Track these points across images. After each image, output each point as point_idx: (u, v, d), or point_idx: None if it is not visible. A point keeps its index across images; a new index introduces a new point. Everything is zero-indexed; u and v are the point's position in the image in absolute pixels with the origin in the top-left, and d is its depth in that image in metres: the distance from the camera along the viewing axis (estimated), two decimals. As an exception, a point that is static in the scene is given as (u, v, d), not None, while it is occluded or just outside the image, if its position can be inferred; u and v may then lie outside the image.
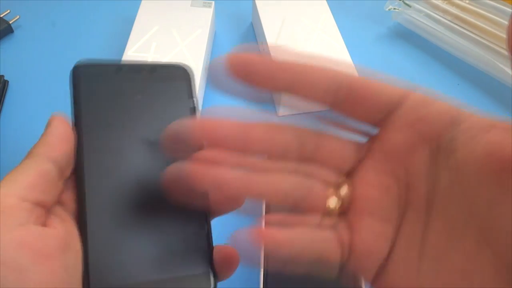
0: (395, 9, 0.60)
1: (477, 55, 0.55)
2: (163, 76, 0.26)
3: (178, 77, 0.26)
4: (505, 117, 0.50)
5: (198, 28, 0.52)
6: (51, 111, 0.47)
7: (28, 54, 0.54)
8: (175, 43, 0.50)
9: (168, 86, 0.26)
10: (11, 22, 0.56)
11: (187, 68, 0.27)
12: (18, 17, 0.57)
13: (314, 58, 0.20)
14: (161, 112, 0.25)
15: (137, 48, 0.49)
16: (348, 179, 0.22)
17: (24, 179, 0.21)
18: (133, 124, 0.25)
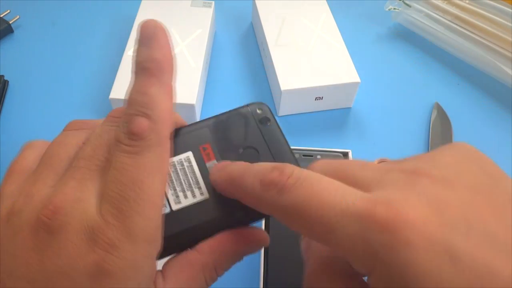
0: (395, 9, 0.60)
1: (477, 55, 0.55)
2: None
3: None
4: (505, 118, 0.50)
5: (198, 28, 0.52)
6: (51, 111, 0.47)
7: (28, 54, 0.54)
8: (175, 43, 0.50)
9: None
10: (11, 22, 0.56)
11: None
12: (18, 17, 0.57)
13: None
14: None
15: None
16: None
17: None
18: None
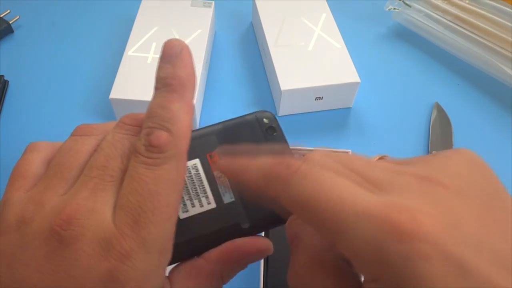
0: (395, 9, 0.60)
1: (477, 55, 0.55)
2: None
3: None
4: (504, 118, 0.50)
5: (198, 28, 0.52)
6: (51, 111, 0.47)
7: (28, 54, 0.54)
8: (175, 43, 0.50)
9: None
10: (11, 22, 0.56)
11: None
12: (18, 17, 0.57)
13: None
14: None
15: (137, 48, 0.49)
16: None
17: None
18: None
